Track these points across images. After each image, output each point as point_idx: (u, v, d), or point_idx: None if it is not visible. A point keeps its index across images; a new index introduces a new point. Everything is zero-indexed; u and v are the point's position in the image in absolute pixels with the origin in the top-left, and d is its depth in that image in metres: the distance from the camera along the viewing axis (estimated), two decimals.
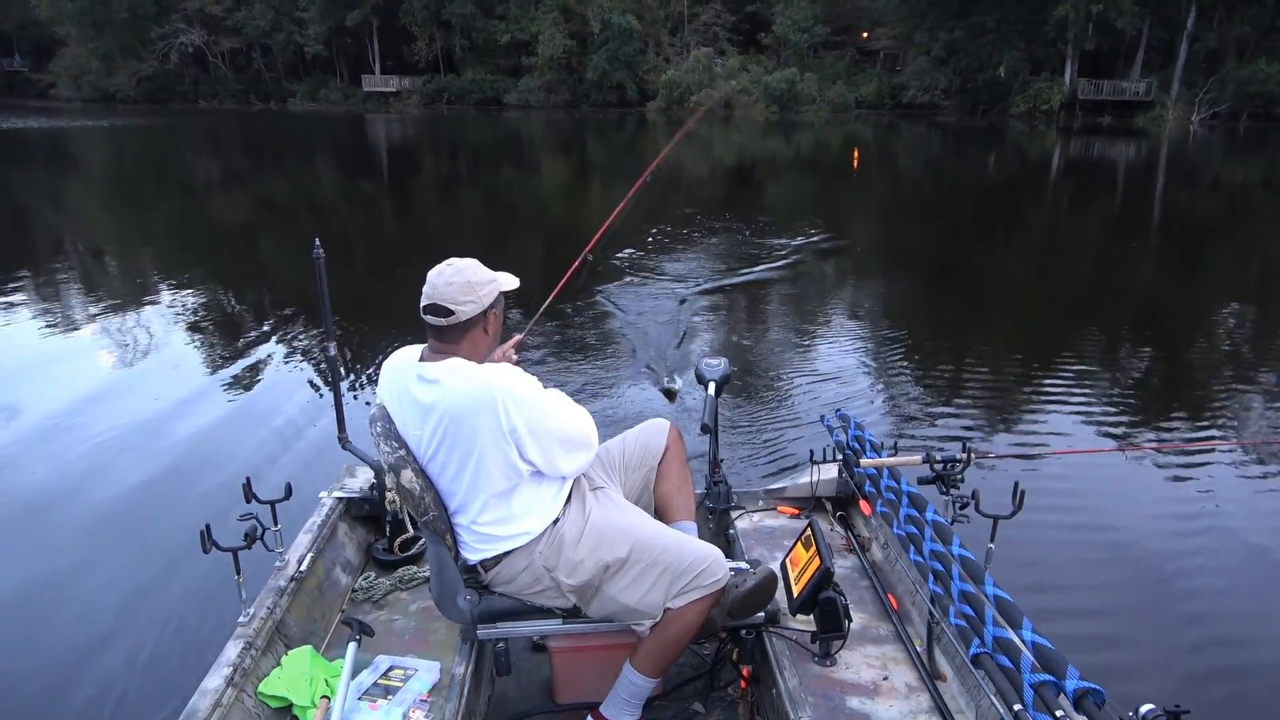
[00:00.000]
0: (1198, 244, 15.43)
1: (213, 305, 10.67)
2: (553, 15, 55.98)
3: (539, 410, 2.51)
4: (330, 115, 56.84)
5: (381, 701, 2.62)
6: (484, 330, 2.58)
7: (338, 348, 3.33)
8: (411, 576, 3.30)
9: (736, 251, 13.61)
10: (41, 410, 7.01)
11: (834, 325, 9.66)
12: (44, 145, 36.03)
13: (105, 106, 61.68)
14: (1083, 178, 26.04)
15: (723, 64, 54.21)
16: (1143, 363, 8.61)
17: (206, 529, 2.50)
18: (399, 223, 18.57)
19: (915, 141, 38.49)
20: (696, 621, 2.65)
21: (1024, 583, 3.07)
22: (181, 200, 21.21)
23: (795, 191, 23.67)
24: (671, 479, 3.06)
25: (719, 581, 2.62)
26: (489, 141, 39.90)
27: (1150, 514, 5.34)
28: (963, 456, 2.85)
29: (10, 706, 3.61)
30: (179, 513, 5.17)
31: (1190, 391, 7.84)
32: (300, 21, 61.29)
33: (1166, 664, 3.97)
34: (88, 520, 5.20)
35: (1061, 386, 7.70)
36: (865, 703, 2.64)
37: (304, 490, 3.21)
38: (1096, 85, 46.13)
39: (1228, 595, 4.55)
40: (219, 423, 6.74)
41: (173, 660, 3.83)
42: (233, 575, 2.61)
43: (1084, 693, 2.15)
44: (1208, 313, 10.54)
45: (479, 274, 2.55)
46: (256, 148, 36.60)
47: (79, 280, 12.14)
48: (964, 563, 2.77)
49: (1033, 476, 5.33)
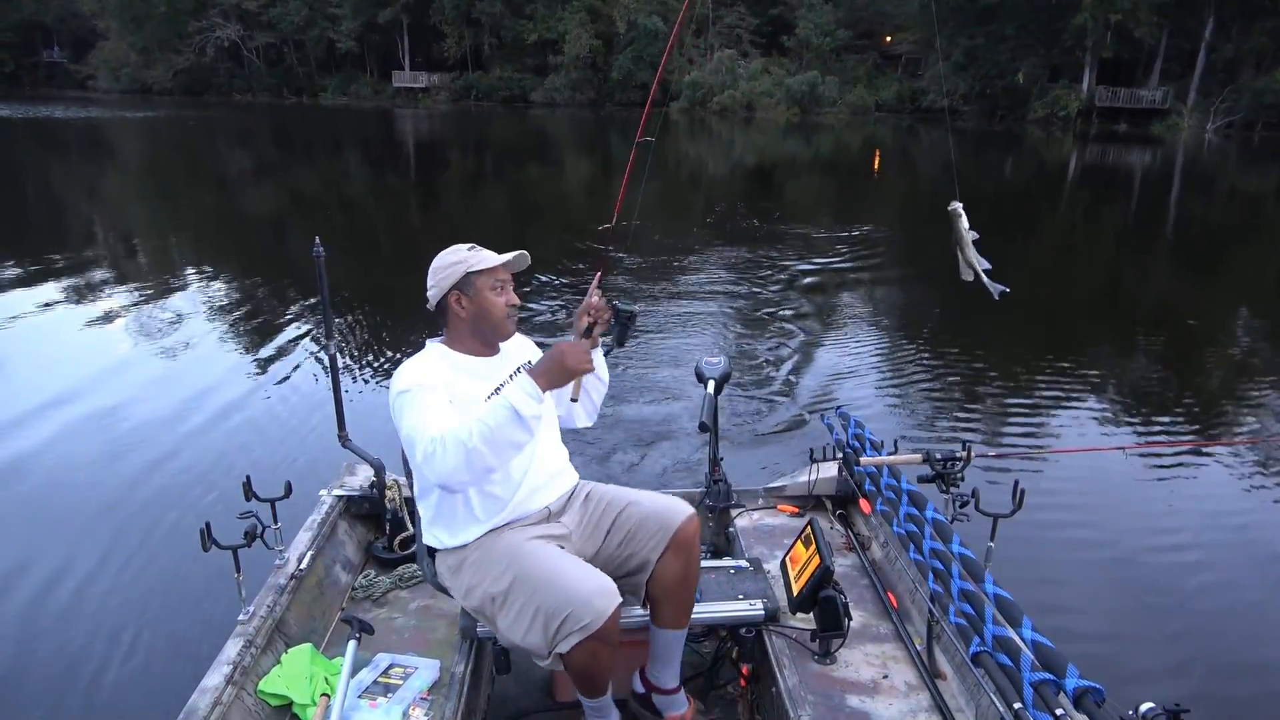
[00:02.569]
0: (1208, 250, 15.25)
1: (219, 299, 10.53)
2: (580, 15, 56.22)
3: (395, 412, 2.40)
4: (360, 110, 57.04)
5: (381, 699, 2.58)
6: (456, 315, 2.54)
7: (340, 345, 3.29)
8: (411, 575, 3.27)
9: (745, 249, 13.56)
10: (39, 404, 6.91)
11: (835, 324, 9.53)
12: (83, 135, 36.26)
13: (142, 98, 62.17)
14: (1097, 183, 25.84)
15: (745, 66, 54.08)
16: (1146, 363, 8.48)
17: (206, 527, 2.48)
18: (424, 216, 18.58)
19: (933, 145, 38.30)
20: (593, 665, 2.39)
21: (1024, 581, 3.01)
22: (210, 192, 21.28)
23: (812, 191, 23.61)
24: (670, 577, 2.61)
25: (593, 624, 2.27)
26: (515, 138, 39.93)
27: (1151, 513, 5.26)
28: (963, 455, 2.83)
29: (9, 705, 3.58)
30: (178, 510, 5.10)
31: (1193, 393, 7.73)
32: (333, 18, 61.96)
33: (1167, 663, 3.91)
34: (86, 517, 5.11)
35: (1062, 385, 7.61)
36: (865, 701, 2.61)
37: (304, 488, 3.17)
38: (1114, 93, 45.93)
39: (1229, 594, 4.47)
40: (219, 420, 6.59)
41: (172, 658, 3.78)
42: (232, 573, 2.58)
43: (1084, 691, 2.13)
44: (1212, 317, 10.39)
45: (444, 258, 2.54)
46: (288, 140, 36.75)
47: (91, 270, 11.97)
48: (964, 561, 2.75)
49: (1033, 475, 5.30)
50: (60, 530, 4.97)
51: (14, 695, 3.64)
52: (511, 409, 2.20)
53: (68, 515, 5.15)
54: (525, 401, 2.21)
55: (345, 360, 7.79)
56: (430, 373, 2.44)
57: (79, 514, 5.16)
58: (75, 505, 5.26)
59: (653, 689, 2.81)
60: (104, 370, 7.81)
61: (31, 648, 3.94)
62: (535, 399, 2.23)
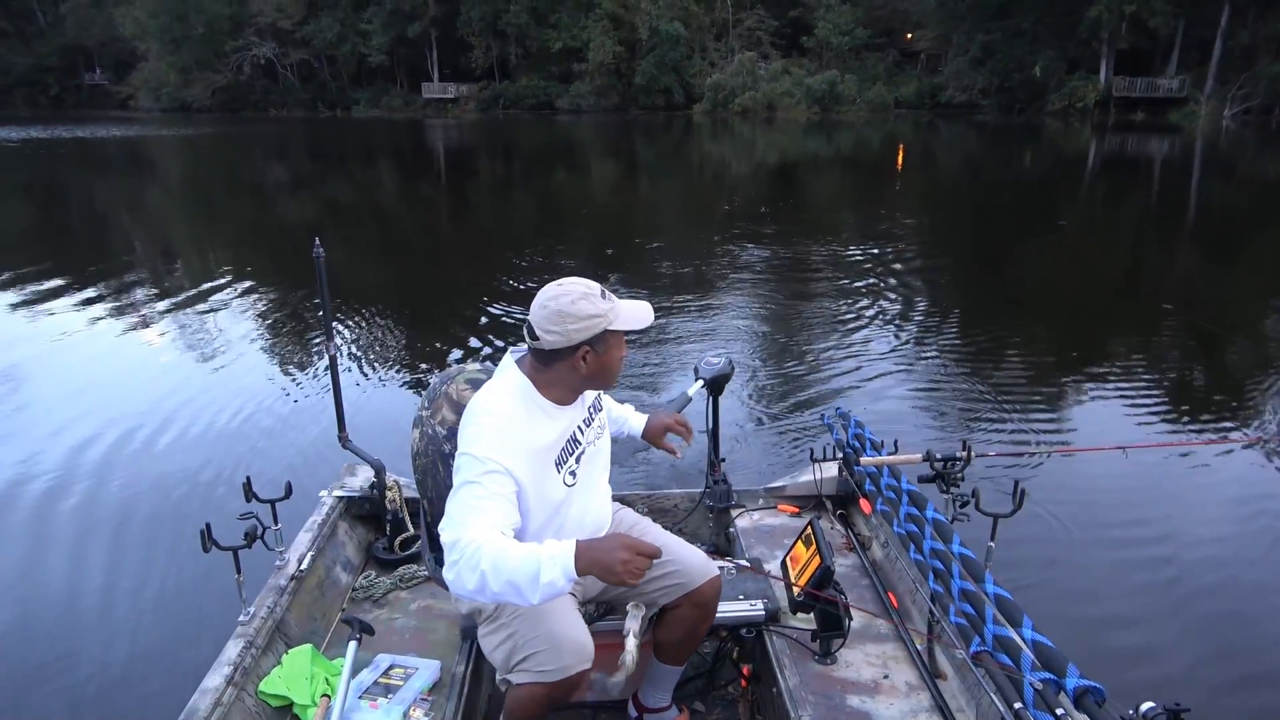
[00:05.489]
0: (1228, 237, 14.94)
1: (230, 301, 10.50)
2: (603, 23, 56.34)
3: (459, 455, 2.20)
4: (391, 121, 57.44)
5: (382, 700, 2.55)
6: (574, 368, 2.25)
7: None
8: (411, 575, 3.24)
9: (761, 248, 13.53)
10: (39, 404, 6.96)
11: (836, 323, 9.39)
12: (125, 153, 36.71)
13: (182, 116, 62.93)
14: (1117, 172, 25.56)
15: (766, 67, 54.00)
16: (1147, 362, 8.20)
17: (207, 528, 2.45)
18: (454, 222, 18.61)
19: (954, 140, 38.08)
20: (531, 708, 2.26)
21: (1024, 581, 2.95)
22: (247, 202, 21.45)
23: (831, 189, 23.49)
24: (680, 627, 2.55)
25: (552, 674, 2.19)
26: (542, 144, 40.04)
27: (1152, 513, 5.13)
28: (963, 455, 2.80)
29: (10, 705, 3.57)
30: (179, 511, 5.10)
31: (1194, 391, 7.54)
32: (364, 33, 62.48)
33: (1167, 662, 3.83)
34: (87, 518, 5.10)
35: (1063, 384, 7.49)
36: (865, 701, 2.57)
37: (304, 489, 3.16)
38: (1131, 83, 45.49)
39: (1230, 593, 4.38)
40: (219, 420, 6.57)
41: (173, 659, 3.76)
42: (233, 574, 2.55)
43: (1084, 691, 2.09)
44: (1223, 309, 10.08)
45: (577, 306, 2.18)
46: (323, 152, 37.00)
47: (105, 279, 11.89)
48: (964, 561, 2.70)
49: (1033, 475, 5.23)
50: (60, 532, 4.98)
51: (14, 695, 3.64)
52: (536, 575, 1.95)
53: (67, 517, 5.15)
54: (554, 577, 1.95)
55: (347, 360, 7.76)
56: (511, 428, 2.21)
57: (79, 514, 5.17)
58: (75, 507, 5.26)
59: (645, 710, 2.80)
60: (106, 372, 7.86)
61: (32, 648, 3.94)
62: (565, 579, 1.96)
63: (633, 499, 3.52)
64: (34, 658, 3.86)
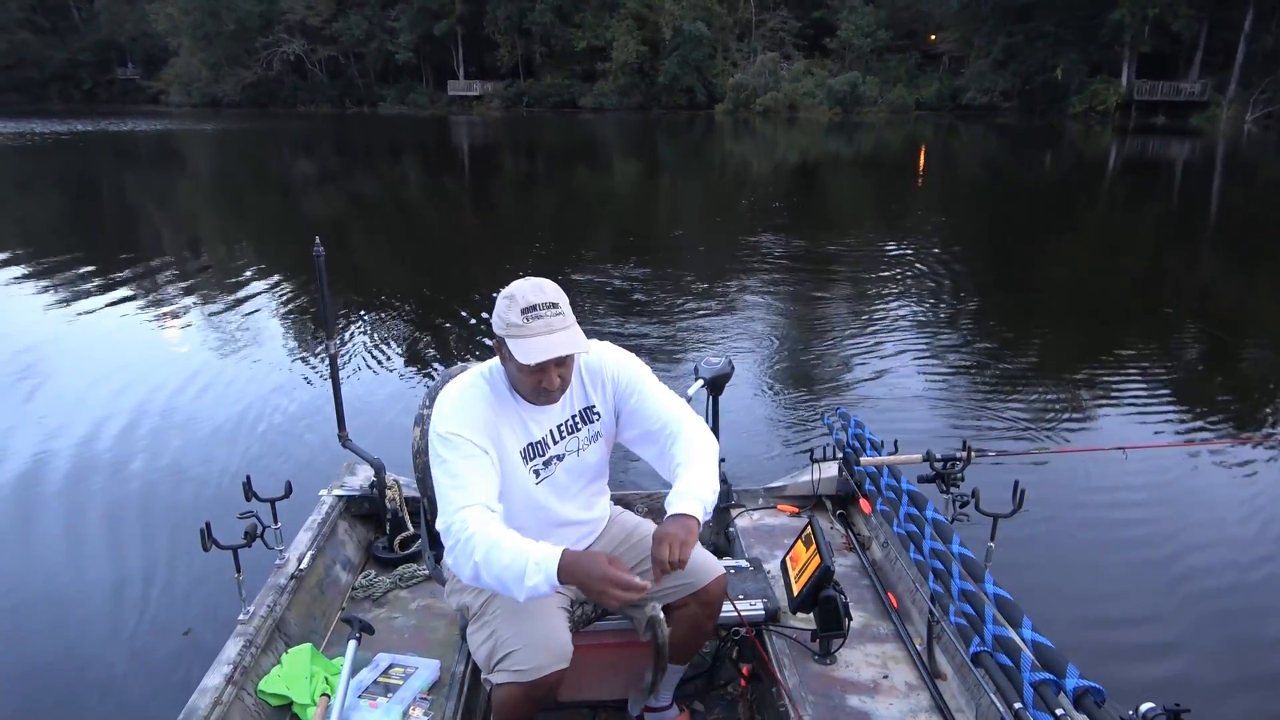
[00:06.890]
0: (1249, 241, 14.77)
1: (243, 297, 10.45)
2: (627, 23, 56.38)
3: (433, 452, 2.20)
4: (417, 118, 57.62)
5: (381, 699, 2.54)
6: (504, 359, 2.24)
7: (343, 344, 3.26)
8: (411, 575, 3.23)
9: (776, 247, 13.46)
10: (39, 404, 6.91)
11: (836, 323, 9.35)
12: (156, 146, 36.99)
13: (212, 111, 63.52)
14: (1137, 176, 25.29)
15: (788, 68, 53.85)
16: (1148, 362, 8.09)
17: (206, 527, 2.44)
18: (477, 217, 18.51)
19: (974, 141, 37.84)
20: (511, 706, 2.23)
21: (1024, 581, 2.91)
22: (274, 196, 21.57)
23: (852, 189, 23.37)
24: (683, 626, 2.49)
25: (528, 674, 2.16)
26: (565, 142, 40.07)
27: (1152, 514, 5.07)
28: (963, 455, 2.80)
29: (10, 704, 3.56)
30: (179, 510, 5.07)
31: (1196, 393, 7.41)
32: (391, 30, 62.91)
33: (1167, 662, 3.79)
34: (86, 517, 5.07)
35: (1064, 385, 7.40)
36: (865, 701, 2.55)
37: (304, 488, 3.14)
38: (1153, 86, 44.99)
39: (1230, 593, 4.33)
40: (219, 419, 6.50)
41: (172, 658, 3.74)
42: (233, 573, 2.54)
43: (1084, 691, 2.08)
44: (1232, 317, 9.88)
45: (500, 303, 2.16)
46: (350, 148, 37.13)
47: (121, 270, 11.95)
48: (964, 561, 2.68)
49: (1033, 475, 5.15)
50: (59, 530, 4.96)
51: (15, 695, 3.62)
52: (521, 576, 1.96)
53: (67, 514, 5.13)
54: (538, 582, 1.96)
55: (356, 360, 7.75)
56: (473, 405, 2.22)
57: (78, 513, 5.13)
58: (76, 506, 5.22)
59: (645, 710, 2.78)
60: (107, 370, 7.76)
61: (32, 647, 3.92)
62: (547, 584, 1.96)
63: (633, 499, 3.49)
64: (33, 657, 3.84)
